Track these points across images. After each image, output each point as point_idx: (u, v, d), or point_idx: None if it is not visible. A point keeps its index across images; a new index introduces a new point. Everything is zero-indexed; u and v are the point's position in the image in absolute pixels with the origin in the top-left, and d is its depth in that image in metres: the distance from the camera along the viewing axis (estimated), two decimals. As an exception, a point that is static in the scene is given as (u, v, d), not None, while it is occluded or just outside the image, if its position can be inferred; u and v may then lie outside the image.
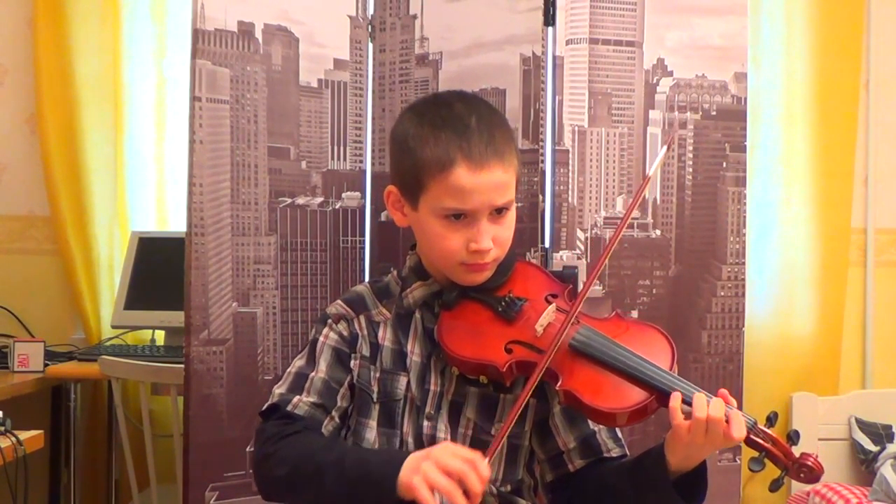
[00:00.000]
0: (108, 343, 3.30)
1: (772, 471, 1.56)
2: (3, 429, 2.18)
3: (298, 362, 1.72)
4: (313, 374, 1.69)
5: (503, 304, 1.67)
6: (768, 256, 3.47)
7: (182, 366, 2.50)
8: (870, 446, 3.27)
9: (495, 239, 1.64)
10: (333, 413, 1.68)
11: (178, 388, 2.63)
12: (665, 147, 1.84)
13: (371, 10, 2.66)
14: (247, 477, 2.49)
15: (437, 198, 1.62)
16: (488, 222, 1.63)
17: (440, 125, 1.63)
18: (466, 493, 1.44)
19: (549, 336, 1.60)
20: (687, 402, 1.52)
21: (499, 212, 1.64)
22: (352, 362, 1.71)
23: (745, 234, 2.68)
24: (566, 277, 1.76)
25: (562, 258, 2.57)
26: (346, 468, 1.54)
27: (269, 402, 1.69)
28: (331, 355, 1.71)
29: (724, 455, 2.59)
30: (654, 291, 2.62)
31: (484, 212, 1.62)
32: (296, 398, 1.66)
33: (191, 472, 2.46)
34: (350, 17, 2.63)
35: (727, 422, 1.50)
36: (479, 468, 1.45)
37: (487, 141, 1.62)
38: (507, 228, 1.66)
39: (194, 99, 2.45)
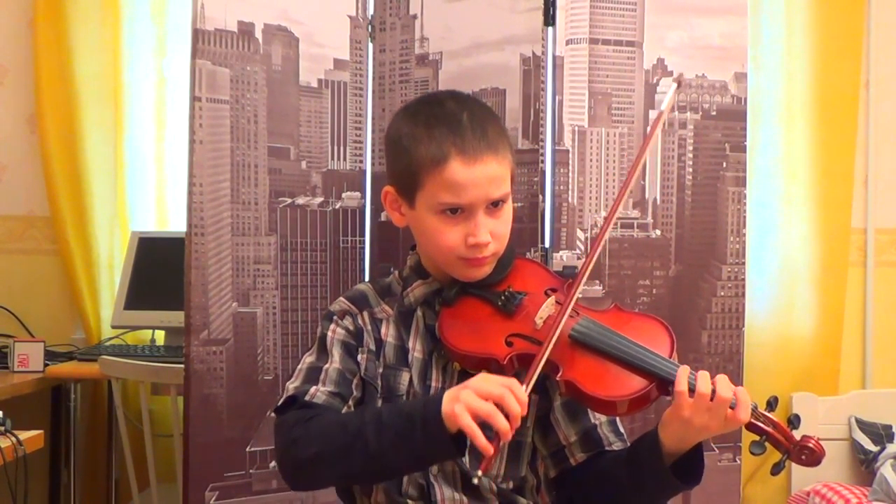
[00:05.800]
0: (108, 343, 3.30)
1: (772, 457, 1.56)
2: (3, 429, 2.18)
3: (309, 358, 1.72)
4: (327, 365, 1.68)
5: (503, 298, 1.68)
6: (768, 256, 3.47)
7: (182, 366, 2.50)
8: (870, 446, 3.27)
9: (493, 233, 1.65)
10: (350, 402, 1.67)
11: (178, 388, 2.63)
12: (675, 84, 1.80)
13: (371, 10, 2.66)
14: (247, 477, 2.49)
15: (433, 194, 1.64)
16: (485, 216, 1.64)
17: (433, 123, 1.65)
18: (507, 416, 1.45)
19: (549, 328, 1.61)
20: (691, 383, 1.53)
21: (495, 205, 1.65)
22: (359, 356, 1.71)
23: (745, 234, 2.68)
24: (566, 277, 1.76)
25: (562, 258, 2.57)
26: (385, 422, 1.53)
27: (285, 397, 1.67)
28: (341, 348, 1.71)
29: (724, 455, 2.59)
30: (654, 291, 2.62)
31: (480, 205, 1.63)
32: (312, 388, 1.65)
33: (191, 472, 2.46)
34: (350, 17, 2.63)
35: (733, 407, 1.51)
36: (516, 391, 1.46)
37: (480, 135, 1.63)
38: (504, 222, 1.68)
39: (194, 99, 2.45)
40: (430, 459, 1.58)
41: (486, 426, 1.45)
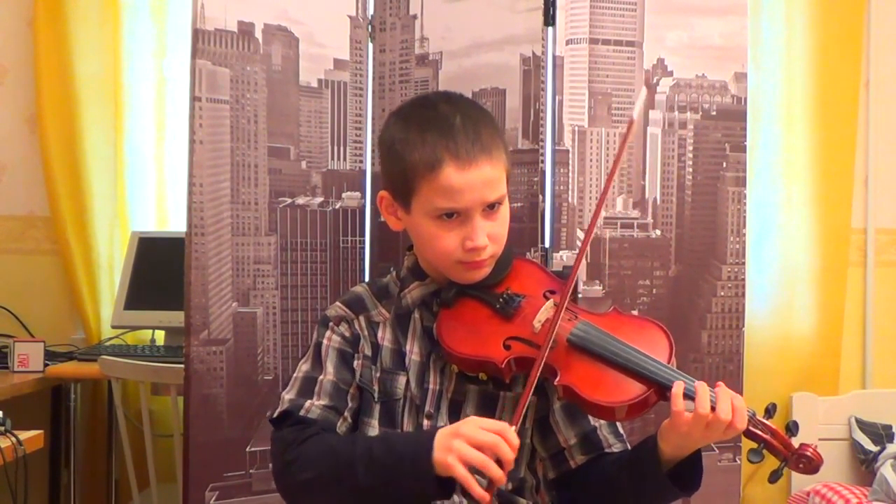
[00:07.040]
0: (108, 343, 3.30)
1: (771, 462, 1.56)
2: (3, 429, 2.18)
3: (304, 367, 1.72)
4: (321, 377, 1.69)
5: (501, 300, 1.68)
6: (768, 256, 3.47)
7: (182, 366, 2.50)
8: (870, 446, 3.27)
9: (490, 235, 1.64)
10: (346, 414, 1.68)
11: (178, 388, 2.63)
12: (644, 88, 1.83)
13: (371, 10, 2.66)
14: (247, 477, 2.49)
15: (428, 199, 1.63)
16: (482, 219, 1.63)
17: (425, 127, 1.64)
18: (499, 462, 1.47)
19: (547, 331, 1.60)
20: (689, 394, 1.53)
21: (491, 207, 1.65)
22: (355, 362, 1.71)
23: (745, 234, 2.68)
24: (566, 278, 1.76)
25: (562, 258, 2.57)
26: (375, 457, 1.54)
27: (280, 409, 1.67)
28: (336, 357, 1.71)
29: (724, 455, 2.59)
30: (654, 291, 2.62)
31: (476, 209, 1.63)
32: (307, 402, 1.66)
33: (191, 472, 2.46)
34: (350, 17, 2.63)
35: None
36: (508, 437, 1.48)
37: (473, 138, 1.62)
38: (501, 224, 1.67)
39: (194, 99, 2.45)
40: (417, 501, 1.58)
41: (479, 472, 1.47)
